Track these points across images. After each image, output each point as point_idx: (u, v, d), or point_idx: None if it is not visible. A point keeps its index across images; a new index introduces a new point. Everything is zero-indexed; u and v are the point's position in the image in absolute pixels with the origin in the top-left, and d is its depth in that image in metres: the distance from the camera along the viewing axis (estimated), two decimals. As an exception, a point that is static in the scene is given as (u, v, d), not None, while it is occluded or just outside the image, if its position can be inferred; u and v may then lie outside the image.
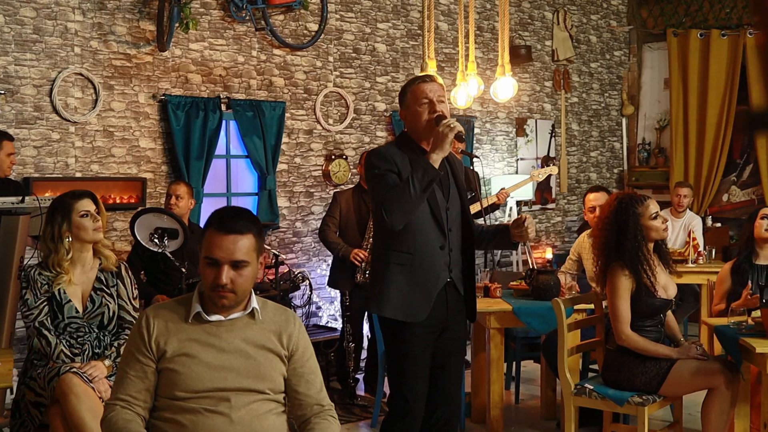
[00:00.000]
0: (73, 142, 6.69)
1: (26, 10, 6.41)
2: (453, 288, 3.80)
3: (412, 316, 3.68)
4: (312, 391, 2.84)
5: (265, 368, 2.77)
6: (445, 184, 3.78)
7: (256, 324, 2.81)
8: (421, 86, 3.78)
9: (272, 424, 2.75)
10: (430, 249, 3.71)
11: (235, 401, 2.69)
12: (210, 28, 7.35)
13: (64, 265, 4.07)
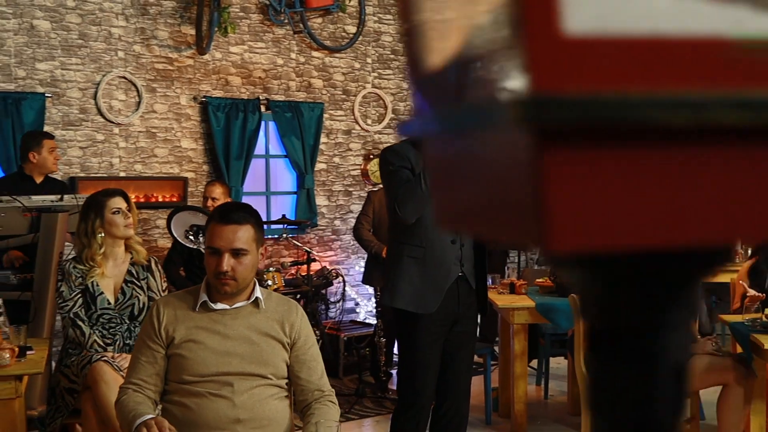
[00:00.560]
0: (117, 142, 6.95)
1: (72, 16, 6.67)
2: (465, 282, 3.91)
3: (423, 308, 3.81)
4: (313, 378, 2.99)
5: (267, 354, 2.92)
6: None
7: (260, 313, 2.97)
8: None
9: (274, 407, 2.91)
10: (442, 243, 3.83)
11: (238, 386, 2.85)
12: (249, 32, 7.55)
13: (97, 259, 4.27)
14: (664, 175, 0.41)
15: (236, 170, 7.29)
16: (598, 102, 0.39)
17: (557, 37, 0.40)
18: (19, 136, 6.11)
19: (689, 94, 0.39)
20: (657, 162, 0.41)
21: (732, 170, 0.41)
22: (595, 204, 0.41)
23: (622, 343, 0.51)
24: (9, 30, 6.43)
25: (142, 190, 7.03)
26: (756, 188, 0.41)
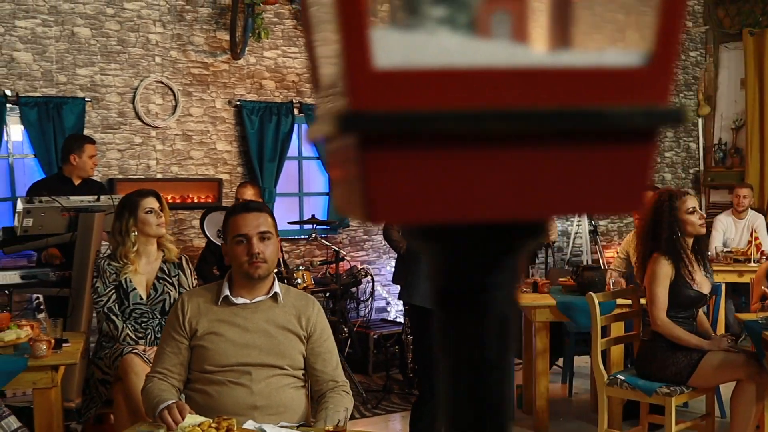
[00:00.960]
0: (155, 145, 7.18)
1: (111, 23, 6.92)
2: None
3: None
4: (328, 369, 3.15)
5: (284, 347, 3.09)
6: None
7: (278, 307, 3.14)
8: None
9: (289, 396, 3.07)
10: None
11: (256, 375, 3.02)
12: (283, 37, 7.75)
13: (130, 257, 4.48)
14: (455, 168, 0.57)
15: (269, 172, 7.49)
16: (401, 116, 0.55)
17: (369, 71, 0.55)
18: (61, 139, 6.36)
19: (467, 109, 0.55)
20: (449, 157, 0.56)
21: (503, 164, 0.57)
22: (404, 189, 0.57)
23: (459, 300, 0.66)
24: (51, 37, 6.68)
25: (178, 191, 7.25)
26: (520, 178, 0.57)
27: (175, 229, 7.26)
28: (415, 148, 0.56)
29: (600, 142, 0.58)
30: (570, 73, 0.58)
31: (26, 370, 3.75)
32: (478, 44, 0.57)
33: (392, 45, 0.56)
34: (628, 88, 0.58)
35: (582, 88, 0.57)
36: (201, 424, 2.42)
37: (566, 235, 9.40)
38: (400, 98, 0.55)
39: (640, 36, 0.59)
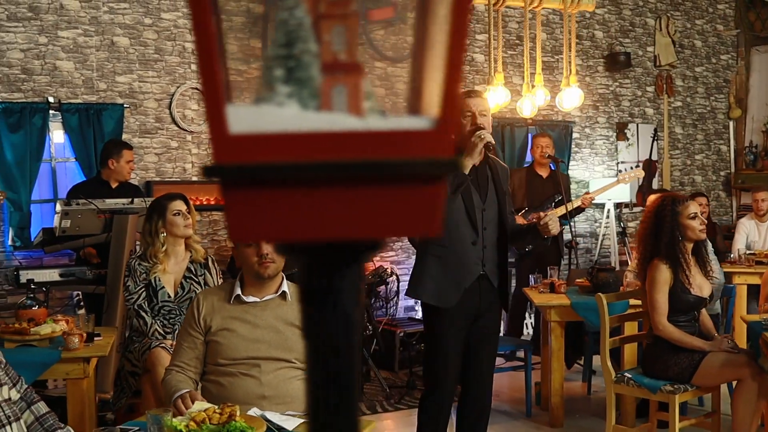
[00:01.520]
0: (190, 149, 7.47)
1: (149, 33, 7.22)
2: (486, 281, 4.23)
3: (444, 302, 4.15)
4: None
5: (292, 342, 3.33)
6: (483, 188, 4.23)
7: (287, 304, 3.38)
8: (467, 101, 4.23)
9: (296, 387, 3.31)
10: (463, 244, 4.17)
11: (265, 367, 3.26)
12: (315, 44, 7.99)
13: (159, 257, 4.75)
14: (290, 202, 0.79)
15: (301, 175, 7.74)
16: (248, 167, 0.78)
17: (225, 135, 0.78)
18: (100, 144, 6.67)
19: (299, 161, 0.78)
20: (286, 195, 0.79)
21: (326, 200, 0.79)
22: (251, 217, 0.79)
23: (313, 297, 0.89)
24: (92, 46, 7.00)
25: (212, 194, 7.53)
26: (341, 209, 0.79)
27: (210, 230, 7.56)
28: (261, 188, 0.79)
29: (399, 183, 0.80)
30: (377, 134, 0.80)
31: (60, 361, 4.03)
32: (312, 114, 0.80)
33: (244, 116, 0.79)
34: (419, 144, 0.80)
35: (386, 145, 0.79)
36: (207, 409, 2.66)
37: (594, 237, 9.54)
38: (249, 154, 0.78)
39: (428, 106, 0.81)
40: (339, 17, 0.86)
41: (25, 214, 6.66)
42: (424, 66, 0.85)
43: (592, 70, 9.60)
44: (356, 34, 0.86)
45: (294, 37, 0.83)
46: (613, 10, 9.72)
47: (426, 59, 0.85)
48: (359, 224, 0.81)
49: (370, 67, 0.87)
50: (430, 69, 0.84)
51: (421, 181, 0.81)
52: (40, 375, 4.06)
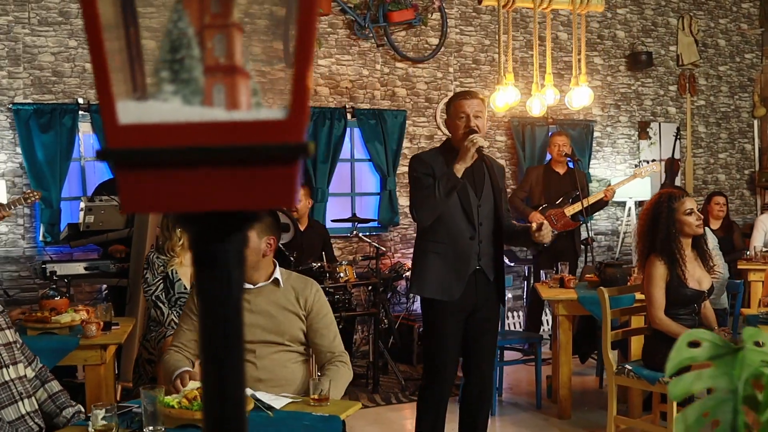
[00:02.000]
0: (215, 148, 7.70)
1: (175, 35, 7.46)
2: (482, 274, 4.39)
3: (448, 295, 4.31)
4: (326, 342, 3.57)
5: (285, 326, 3.52)
6: (479, 185, 4.38)
7: (279, 290, 3.58)
8: (462, 102, 4.38)
9: (291, 369, 3.50)
10: (461, 240, 4.33)
11: (260, 352, 3.46)
12: (337, 46, 8.20)
13: (176, 250, 4.97)
14: (170, 179, 0.98)
15: (322, 173, 7.95)
16: (134, 151, 0.97)
17: (114, 125, 0.97)
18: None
19: (177, 146, 0.96)
20: (166, 174, 0.98)
21: (200, 177, 0.98)
22: (138, 192, 0.98)
23: (202, 260, 1.07)
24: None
25: (237, 191, 7.75)
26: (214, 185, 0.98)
27: (234, 227, 7.78)
28: (146, 168, 0.97)
29: (260, 163, 0.98)
30: (242, 123, 0.98)
31: (78, 348, 4.26)
32: (190, 107, 0.98)
33: (132, 109, 0.97)
34: (274, 132, 0.98)
35: (249, 132, 0.97)
36: (199, 387, 2.85)
37: (616, 234, 9.63)
38: (136, 141, 0.97)
39: (282, 101, 0.99)
40: (220, 27, 1.03)
41: (55, 211, 6.93)
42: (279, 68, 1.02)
43: (614, 69, 9.69)
44: (234, 43, 1.04)
45: (179, 44, 1.00)
46: (635, 10, 9.79)
47: (280, 63, 1.02)
48: (230, 198, 0.99)
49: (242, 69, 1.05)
50: (284, 71, 1.01)
51: (277, 162, 0.99)
52: (60, 360, 4.28)
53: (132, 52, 1.01)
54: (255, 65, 1.09)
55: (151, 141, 0.97)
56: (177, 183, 0.98)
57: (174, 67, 0.99)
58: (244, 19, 1.07)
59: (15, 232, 7.02)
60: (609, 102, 9.68)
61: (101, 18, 0.97)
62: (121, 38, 1.00)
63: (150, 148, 0.97)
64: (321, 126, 7.97)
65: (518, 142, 9.00)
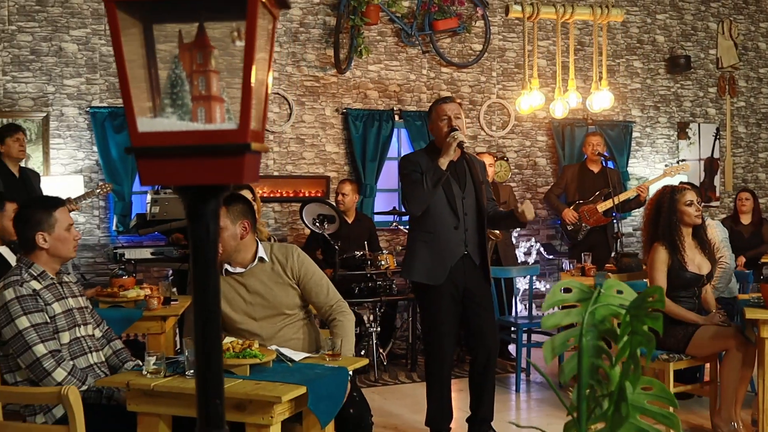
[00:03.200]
0: (272, 147, 8.41)
1: (236, 44, 8.18)
2: (469, 259, 4.99)
3: (433, 279, 4.92)
4: (321, 297, 4.04)
5: (280, 297, 4.00)
6: (462, 180, 4.98)
7: (267, 266, 4.03)
8: (442, 106, 5.01)
9: (298, 339, 4.00)
10: (446, 229, 4.93)
11: (266, 333, 3.95)
12: (385, 52, 8.84)
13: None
14: (172, 164, 1.63)
15: (371, 170, 8.59)
16: (150, 148, 1.62)
17: (136, 132, 1.62)
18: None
19: (176, 144, 1.62)
20: (170, 162, 1.63)
21: (190, 162, 1.63)
22: (153, 171, 1.63)
23: (192, 216, 1.72)
24: (186, 57, 8.00)
25: (291, 187, 8.45)
26: (195, 167, 1.63)
27: (289, 219, 8.48)
28: (155, 158, 1.61)
29: (222, 155, 1.61)
30: (212, 131, 1.61)
31: (141, 319, 4.96)
32: (182, 122, 1.61)
33: (145, 123, 1.61)
34: (231, 136, 1.60)
35: (216, 136, 1.60)
36: (232, 341, 3.50)
37: (653, 231, 10.05)
38: (148, 141, 1.60)
39: (234, 117, 1.61)
40: (202, 72, 1.66)
41: (127, 203, 7.71)
42: (233, 96, 1.64)
43: (653, 72, 10.13)
44: (210, 82, 1.66)
45: (176, 83, 1.63)
46: (675, 15, 10.22)
47: (234, 92, 1.64)
48: (206, 176, 1.63)
49: (214, 98, 1.67)
50: (236, 98, 1.63)
51: (232, 154, 1.62)
52: (126, 329, 4.98)
53: (149, 87, 1.63)
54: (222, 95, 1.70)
55: (158, 142, 1.61)
56: (174, 167, 1.62)
57: (173, 97, 1.62)
58: (218, 67, 1.69)
59: (91, 222, 7.82)
60: (648, 104, 10.12)
61: (128, 71, 1.60)
62: (142, 79, 1.63)
63: (157, 146, 1.61)
64: (370, 127, 8.61)
65: (558, 141, 9.52)
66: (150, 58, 1.65)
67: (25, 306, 3.52)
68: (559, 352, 2.27)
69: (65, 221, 3.77)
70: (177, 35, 1.66)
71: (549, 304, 2.29)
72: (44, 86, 7.74)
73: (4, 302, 3.51)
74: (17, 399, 3.44)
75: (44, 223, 3.71)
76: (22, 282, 3.59)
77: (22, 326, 3.49)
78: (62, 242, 3.75)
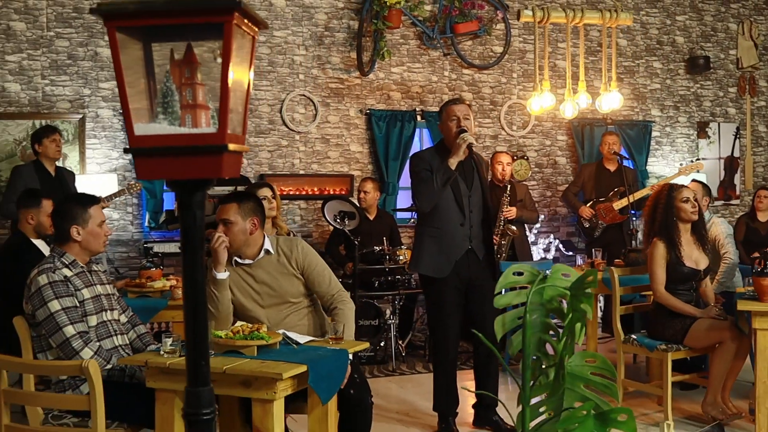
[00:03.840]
0: (298, 147, 8.75)
1: (263, 48, 8.54)
2: (473, 254, 5.25)
3: (438, 273, 5.19)
4: (323, 287, 4.31)
5: (285, 287, 4.28)
6: (469, 179, 5.25)
7: (273, 258, 4.31)
8: (452, 107, 5.28)
9: (301, 323, 4.29)
10: (452, 225, 5.20)
11: (267, 311, 4.25)
12: (408, 55, 9.14)
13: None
14: (166, 161, 1.95)
15: (393, 169, 8.89)
16: (145, 149, 1.94)
17: (133, 135, 1.94)
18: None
19: (168, 145, 1.94)
20: (163, 160, 1.95)
21: (179, 160, 1.94)
22: (149, 167, 1.96)
23: (183, 204, 2.04)
24: (215, 61, 8.37)
25: (316, 185, 8.78)
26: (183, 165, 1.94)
27: (314, 216, 8.81)
28: (150, 156, 1.92)
29: (205, 154, 1.92)
30: (197, 134, 1.92)
31: (166, 308, 5.29)
32: (172, 127, 1.92)
33: (141, 128, 1.92)
34: (212, 138, 1.91)
35: (200, 139, 1.91)
36: (242, 325, 3.82)
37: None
38: (143, 143, 1.92)
39: (214, 124, 1.92)
40: (188, 85, 1.96)
41: (158, 200, 8.09)
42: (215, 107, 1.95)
43: (673, 73, 10.32)
44: (196, 93, 1.97)
45: (167, 93, 1.95)
46: (695, 17, 10.40)
47: (214, 101, 1.95)
48: (192, 171, 1.94)
49: (199, 107, 1.98)
50: (216, 106, 1.94)
51: (212, 153, 1.93)
52: (152, 317, 5.32)
53: (143, 97, 1.94)
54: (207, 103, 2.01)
55: (151, 143, 1.93)
56: (164, 164, 1.94)
57: (164, 106, 1.93)
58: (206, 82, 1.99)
59: (125, 218, 8.22)
60: (668, 103, 10.31)
61: (126, 83, 1.92)
62: (141, 90, 1.93)
63: (151, 147, 1.93)
64: (393, 127, 8.91)
65: (577, 141, 9.75)
66: (144, 73, 1.96)
67: (57, 291, 3.88)
68: (509, 328, 2.55)
69: (98, 218, 4.13)
70: (168, 53, 1.96)
71: (501, 286, 2.58)
72: (80, 89, 8.14)
73: (38, 287, 3.87)
74: (44, 371, 3.79)
75: (79, 217, 4.07)
76: (55, 269, 3.95)
77: (53, 309, 3.84)
78: (94, 237, 4.10)
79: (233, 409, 4.08)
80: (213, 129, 1.92)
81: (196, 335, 2.04)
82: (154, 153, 1.92)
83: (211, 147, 1.91)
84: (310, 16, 8.81)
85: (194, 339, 2.05)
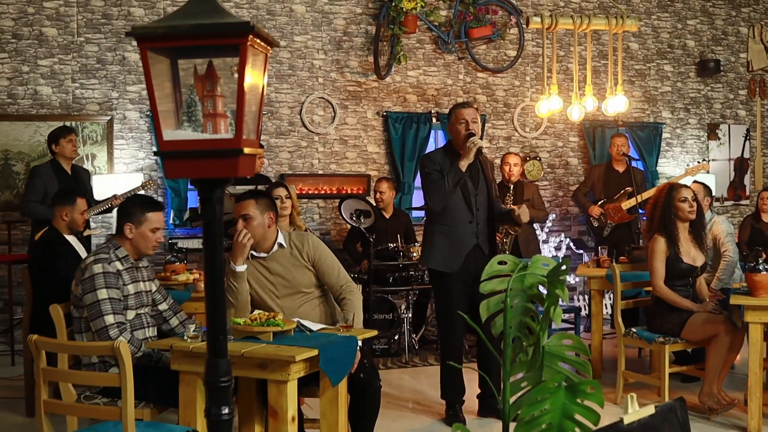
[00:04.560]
0: (317, 147, 9.07)
1: (283, 52, 8.87)
2: (479, 249, 5.53)
3: (449, 267, 5.48)
4: (333, 278, 4.61)
5: (298, 279, 4.58)
6: (476, 179, 5.53)
7: (286, 251, 4.62)
8: (461, 110, 5.56)
9: (313, 312, 4.59)
10: (461, 223, 5.49)
11: (282, 301, 4.56)
12: (423, 59, 9.44)
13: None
14: (188, 162, 2.27)
15: (409, 169, 9.19)
16: (172, 152, 2.26)
17: (163, 138, 2.26)
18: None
19: (190, 149, 2.26)
20: (187, 161, 2.27)
21: (202, 161, 2.26)
22: (175, 166, 2.28)
23: (204, 201, 2.35)
24: (237, 65, 8.70)
25: (335, 185, 9.09)
26: (207, 163, 2.26)
27: (332, 214, 9.12)
28: (176, 158, 2.23)
29: (224, 156, 2.23)
30: (217, 139, 2.23)
31: (189, 300, 5.61)
32: (195, 133, 2.23)
33: (170, 133, 2.23)
34: (229, 143, 2.22)
35: (219, 143, 2.22)
36: (259, 313, 4.14)
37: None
38: (171, 147, 2.23)
39: (232, 130, 2.23)
40: (210, 96, 2.27)
41: (183, 199, 8.43)
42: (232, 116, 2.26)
43: (684, 75, 10.55)
44: (217, 104, 2.27)
45: (190, 104, 2.26)
46: (705, 21, 10.63)
47: (232, 115, 2.26)
48: (213, 171, 2.25)
49: (219, 115, 2.29)
50: (233, 118, 2.24)
51: (230, 156, 2.24)
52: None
53: (171, 107, 2.25)
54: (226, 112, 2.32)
55: (178, 147, 2.24)
56: (189, 165, 2.25)
57: (189, 115, 2.24)
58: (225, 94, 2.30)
59: (151, 216, 8.56)
60: (679, 105, 10.55)
61: (156, 95, 2.23)
62: (169, 101, 2.24)
63: (178, 150, 2.23)
64: (409, 129, 9.22)
65: (589, 142, 10.01)
66: (171, 86, 2.27)
67: (108, 281, 4.23)
68: (493, 311, 2.84)
69: (154, 223, 4.48)
70: (193, 69, 2.27)
71: (487, 273, 2.87)
72: (109, 92, 8.50)
73: (92, 273, 4.22)
74: (78, 350, 4.12)
75: (135, 217, 4.42)
76: (110, 261, 4.31)
77: (101, 297, 4.19)
78: (143, 239, 4.45)
79: (251, 392, 4.40)
80: (230, 135, 2.23)
81: (216, 312, 2.35)
82: (180, 155, 2.23)
83: (229, 150, 2.22)
84: (329, 22, 9.13)
85: (214, 316, 2.36)
